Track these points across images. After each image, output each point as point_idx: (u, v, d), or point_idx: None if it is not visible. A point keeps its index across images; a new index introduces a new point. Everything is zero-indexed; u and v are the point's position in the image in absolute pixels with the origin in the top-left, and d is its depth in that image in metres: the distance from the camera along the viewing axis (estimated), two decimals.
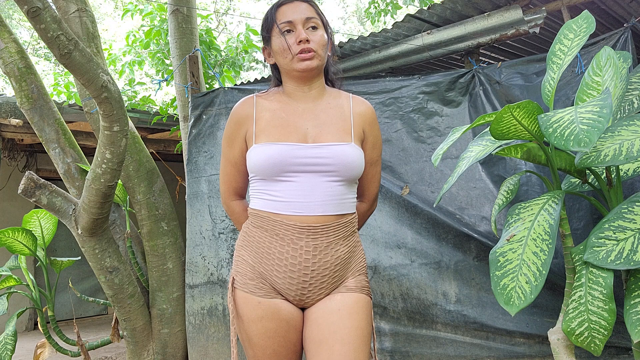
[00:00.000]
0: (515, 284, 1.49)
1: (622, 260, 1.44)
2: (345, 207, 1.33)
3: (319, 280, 1.28)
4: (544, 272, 1.45)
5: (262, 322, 1.28)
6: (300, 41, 1.29)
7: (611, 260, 1.46)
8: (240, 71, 4.88)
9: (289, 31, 1.31)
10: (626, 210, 1.51)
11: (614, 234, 1.50)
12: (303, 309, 1.34)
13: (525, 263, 1.49)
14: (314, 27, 1.32)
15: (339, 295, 1.30)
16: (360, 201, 1.50)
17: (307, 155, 1.28)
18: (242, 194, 1.47)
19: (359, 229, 1.53)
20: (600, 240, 1.51)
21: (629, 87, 1.84)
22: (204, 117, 2.99)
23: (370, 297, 1.36)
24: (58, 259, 3.04)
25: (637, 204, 1.50)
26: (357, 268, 1.35)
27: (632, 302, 1.44)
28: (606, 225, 1.52)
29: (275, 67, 1.42)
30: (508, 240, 1.57)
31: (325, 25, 1.36)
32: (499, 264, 1.55)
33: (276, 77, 1.45)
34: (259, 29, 1.42)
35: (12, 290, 2.92)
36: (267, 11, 1.37)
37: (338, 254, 1.30)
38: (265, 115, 1.36)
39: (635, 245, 1.44)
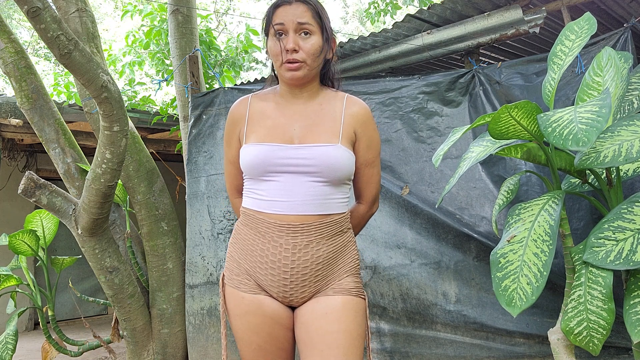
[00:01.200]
0: (517, 285, 1.49)
1: (621, 260, 1.44)
2: (331, 208, 1.32)
3: (300, 279, 1.29)
4: (544, 273, 1.45)
5: (246, 317, 1.31)
6: (287, 50, 1.28)
7: (610, 261, 1.46)
8: (240, 71, 4.89)
9: (282, 34, 1.30)
10: (626, 211, 1.51)
11: (614, 234, 1.50)
12: (293, 308, 1.35)
13: (526, 264, 1.49)
14: (307, 33, 1.30)
15: (325, 298, 1.30)
16: (358, 202, 1.49)
17: (289, 156, 1.29)
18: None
19: (358, 232, 1.52)
20: (599, 241, 1.51)
21: (628, 87, 1.84)
22: (204, 117, 2.99)
23: (363, 298, 1.34)
24: (59, 257, 3.05)
25: (636, 204, 1.50)
26: (347, 269, 1.34)
27: (632, 302, 1.44)
28: (606, 226, 1.52)
29: None
30: (509, 241, 1.57)
31: (323, 29, 1.33)
32: (500, 265, 1.55)
33: (274, 74, 1.45)
34: (259, 28, 1.42)
35: (16, 290, 2.93)
36: (268, 9, 1.37)
37: (319, 253, 1.30)
38: (257, 116, 1.38)
39: (634, 246, 1.44)
